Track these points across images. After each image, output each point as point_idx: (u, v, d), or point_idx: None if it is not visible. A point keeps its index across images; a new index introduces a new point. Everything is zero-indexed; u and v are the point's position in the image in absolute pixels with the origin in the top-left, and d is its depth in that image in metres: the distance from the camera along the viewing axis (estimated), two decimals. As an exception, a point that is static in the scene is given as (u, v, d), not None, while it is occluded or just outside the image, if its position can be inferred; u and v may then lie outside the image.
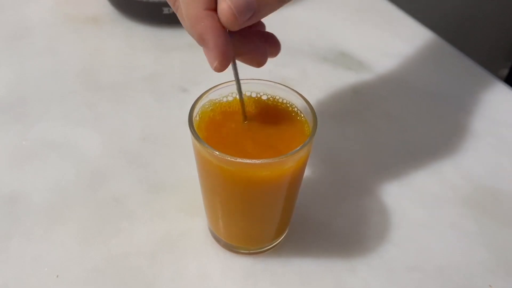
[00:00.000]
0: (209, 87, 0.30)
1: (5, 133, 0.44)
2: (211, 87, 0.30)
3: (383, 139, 0.45)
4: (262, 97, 0.32)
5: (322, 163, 0.42)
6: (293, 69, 0.53)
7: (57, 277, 0.32)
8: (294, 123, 0.30)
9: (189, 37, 0.26)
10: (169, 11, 0.57)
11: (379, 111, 0.48)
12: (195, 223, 0.36)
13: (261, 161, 0.26)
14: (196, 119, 0.29)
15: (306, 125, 0.30)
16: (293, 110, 0.31)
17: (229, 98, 0.31)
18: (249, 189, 0.29)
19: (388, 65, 0.55)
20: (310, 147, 0.29)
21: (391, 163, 0.42)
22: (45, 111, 0.46)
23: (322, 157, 0.42)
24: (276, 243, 0.35)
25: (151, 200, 0.38)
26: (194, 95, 0.30)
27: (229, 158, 0.26)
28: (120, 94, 0.49)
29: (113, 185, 0.39)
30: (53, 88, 0.50)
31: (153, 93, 0.49)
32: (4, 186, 0.38)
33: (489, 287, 0.33)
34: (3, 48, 0.56)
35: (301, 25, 0.62)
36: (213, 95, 0.31)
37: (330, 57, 0.56)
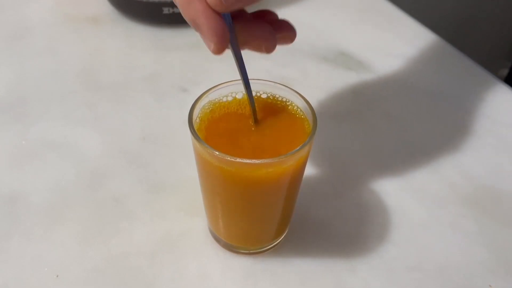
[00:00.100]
0: (209, 87, 0.30)
1: (5, 133, 0.44)
2: (211, 87, 0.30)
3: (383, 139, 0.45)
4: (262, 96, 0.32)
5: (322, 163, 0.42)
6: (293, 69, 0.53)
7: (57, 277, 0.32)
8: (294, 122, 0.30)
9: (189, 37, 0.26)
10: (169, 11, 0.57)
11: (379, 111, 0.48)
12: (195, 223, 0.36)
13: (261, 161, 0.26)
14: (196, 119, 0.29)
15: (306, 123, 0.30)
16: (293, 109, 0.31)
17: (229, 98, 0.31)
18: (249, 189, 0.29)
19: (388, 65, 0.55)
20: (310, 147, 0.29)
21: (391, 163, 0.42)
22: (45, 111, 0.46)
23: (322, 157, 0.42)
24: (276, 243, 0.35)
25: (151, 200, 0.38)
26: (194, 95, 0.30)
27: (229, 158, 0.26)
28: (120, 94, 0.49)
29: (113, 185, 0.39)
30: (53, 88, 0.50)
31: (153, 93, 0.49)
32: (4, 186, 0.38)
33: (489, 287, 0.33)
34: (3, 48, 0.56)
35: (301, 25, 0.61)
36: (213, 95, 0.31)
37: (330, 57, 0.56)
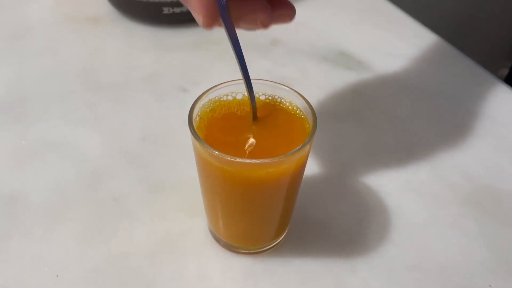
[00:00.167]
0: (209, 87, 0.30)
1: (5, 133, 0.44)
2: (211, 87, 0.30)
3: (383, 139, 0.45)
4: (261, 97, 0.32)
5: (322, 163, 0.42)
6: (293, 69, 0.53)
7: (57, 277, 0.32)
8: (294, 122, 0.30)
9: (189, 37, 0.26)
10: (169, 11, 0.57)
11: (379, 111, 0.48)
12: (195, 223, 0.36)
13: (261, 161, 0.26)
14: (196, 119, 0.29)
15: (306, 123, 0.30)
16: (293, 108, 0.31)
17: (229, 97, 0.31)
18: (249, 189, 0.29)
19: (388, 65, 0.55)
20: (310, 147, 0.29)
21: (391, 163, 0.42)
22: (45, 111, 0.46)
23: (322, 157, 0.42)
24: (276, 243, 0.35)
25: (151, 200, 0.38)
26: (194, 95, 0.30)
27: (229, 158, 0.26)
28: (120, 94, 0.49)
29: (113, 185, 0.39)
30: (53, 88, 0.50)
31: (153, 93, 0.49)
32: (4, 186, 0.38)
33: (489, 287, 0.33)
34: (3, 48, 0.56)
35: (301, 25, 0.62)
36: (213, 95, 0.31)
37: (330, 57, 0.56)
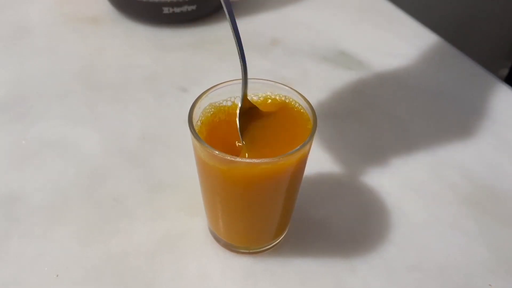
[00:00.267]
0: (209, 87, 0.30)
1: (5, 133, 0.44)
2: (211, 87, 0.30)
3: (383, 138, 0.45)
4: (261, 95, 0.32)
5: (322, 162, 0.42)
6: (293, 69, 0.53)
7: (57, 276, 0.32)
8: (294, 121, 0.30)
9: (189, 37, 0.26)
10: (169, 11, 0.57)
11: (379, 111, 0.48)
12: (195, 223, 0.36)
13: (261, 160, 0.26)
14: (195, 118, 0.29)
15: (306, 123, 0.30)
16: (293, 108, 0.31)
17: (228, 103, 0.31)
18: (249, 188, 0.29)
19: (388, 65, 0.55)
20: (309, 146, 0.28)
21: (391, 162, 0.42)
22: (44, 111, 0.46)
23: (322, 156, 0.42)
24: (276, 242, 0.35)
25: (150, 200, 0.38)
26: (194, 95, 0.30)
27: (229, 158, 0.26)
28: (120, 94, 0.49)
29: (112, 185, 0.39)
30: (53, 88, 0.50)
31: (153, 93, 0.49)
32: (3, 186, 0.38)
33: (489, 286, 0.33)
34: (3, 48, 0.56)
35: (301, 25, 0.62)
36: (213, 95, 0.31)
37: (330, 57, 0.56)
